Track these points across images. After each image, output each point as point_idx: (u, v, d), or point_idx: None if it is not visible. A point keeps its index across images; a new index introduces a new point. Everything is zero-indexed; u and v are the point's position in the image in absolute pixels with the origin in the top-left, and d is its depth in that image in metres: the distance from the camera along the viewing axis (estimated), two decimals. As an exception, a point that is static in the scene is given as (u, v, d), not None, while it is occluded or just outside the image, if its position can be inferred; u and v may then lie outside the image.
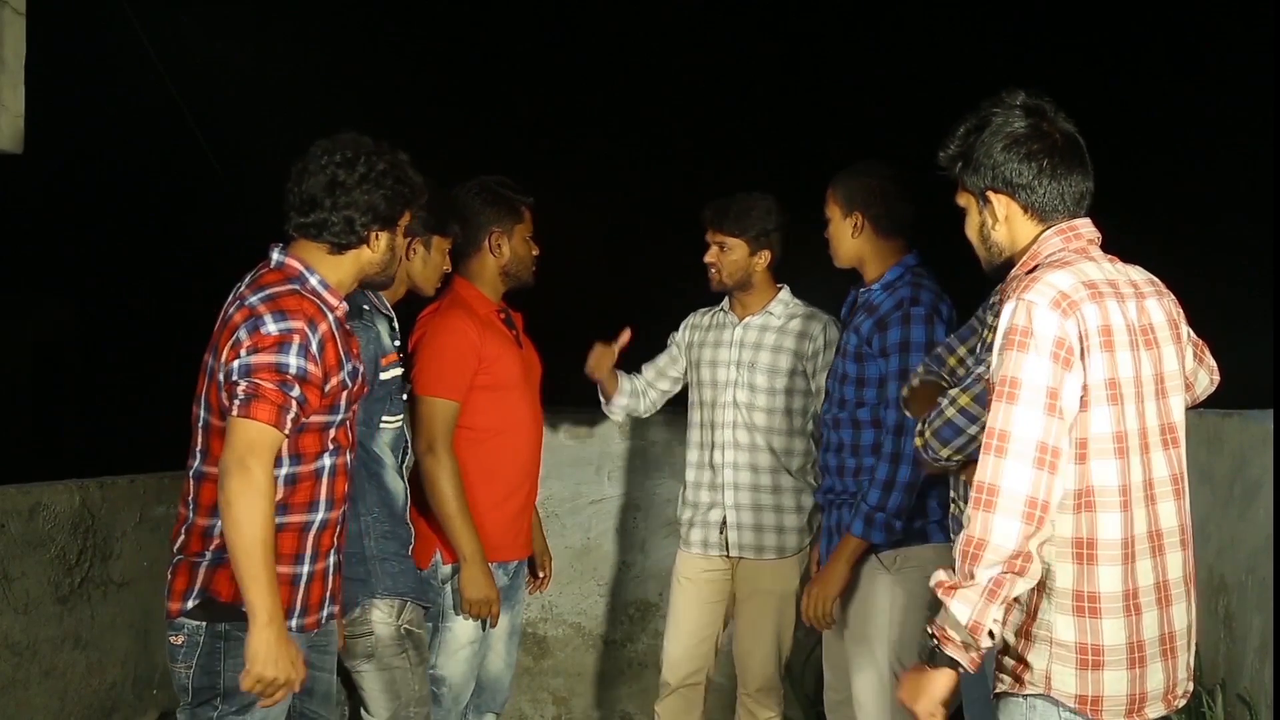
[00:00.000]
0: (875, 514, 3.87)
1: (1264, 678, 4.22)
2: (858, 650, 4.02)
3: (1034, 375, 2.66)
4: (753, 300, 4.59)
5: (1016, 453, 2.65)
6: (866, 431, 4.05)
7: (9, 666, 4.21)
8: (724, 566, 4.60)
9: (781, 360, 4.53)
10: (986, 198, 2.88)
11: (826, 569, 3.99)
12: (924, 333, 3.93)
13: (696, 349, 4.67)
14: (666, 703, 4.67)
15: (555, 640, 5.69)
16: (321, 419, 3.17)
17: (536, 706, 5.69)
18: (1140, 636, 2.74)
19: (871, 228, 4.07)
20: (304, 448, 3.16)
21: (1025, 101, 2.88)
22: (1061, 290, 2.71)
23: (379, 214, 3.22)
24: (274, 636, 3.00)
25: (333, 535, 3.27)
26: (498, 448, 4.19)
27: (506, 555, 4.21)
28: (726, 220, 4.49)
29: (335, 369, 3.15)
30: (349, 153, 3.21)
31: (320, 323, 3.12)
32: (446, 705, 4.12)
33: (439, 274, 4.04)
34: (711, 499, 4.58)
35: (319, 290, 3.18)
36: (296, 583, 3.18)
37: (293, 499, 3.16)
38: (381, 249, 3.28)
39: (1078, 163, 2.86)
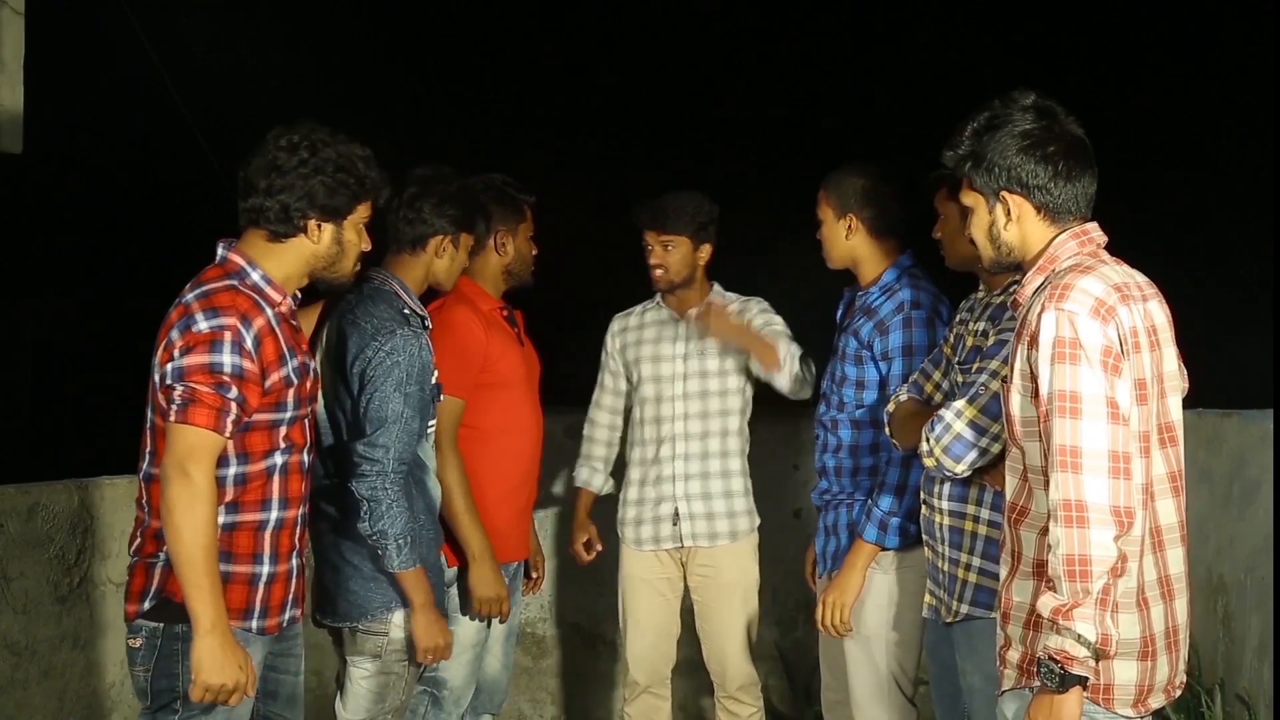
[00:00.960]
0: (889, 519, 3.88)
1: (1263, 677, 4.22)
2: (855, 651, 4.02)
3: (1091, 387, 2.68)
4: (692, 296, 4.66)
5: (1092, 468, 2.67)
6: (865, 432, 4.05)
7: (8, 666, 4.21)
8: (675, 561, 4.66)
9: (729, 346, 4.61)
10: (999, 197, 2.87)
11: (841, 576, 3.97)
12: (926, 335, 3.93)
13: (635, 348, 4.71)
14: (637, 703, 4.70)
15: (555, 640, 5.68)
16: (268, 416, 3.11)
17: (536, 707, 5.69)
18: (1150, 630, 2.78)
19: (865, 229, 4.06)
20: (251, 446, 3.11)
21: (1036, 103, 2.88)
22: (1098, 297, 2.73)
23: (315, 202, 3.13)
24: (218, 644, 2.97)
25: (292, 536, 3.23)
26: (501, 447, 4.19)
27: (507, 556, 4.21)
28: (668, 219, 4.54)
29: (276, 364, 3.09)
30: (295, 137, 3.13)
31: (255, 318, 3.05)
32: (448, 708, 4.12)
33: (460, 272, 4.03)
34: (658, 493, 4.63)
35: (260, 285, 3.11)
36: (255, 583, 3.14)
37: (244, 498, 3.12)
38: (325, 241, 3.19)
39: (1088, 165, 2.88)
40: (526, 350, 4.34)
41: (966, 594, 3.49)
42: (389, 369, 3.60)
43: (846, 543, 4.05)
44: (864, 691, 4.02)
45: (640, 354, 4.69)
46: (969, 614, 3.48)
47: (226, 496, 3.08)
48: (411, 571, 3.60)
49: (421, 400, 3.67)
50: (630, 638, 4.71)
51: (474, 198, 4.03)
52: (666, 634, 4.71)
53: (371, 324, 3.65)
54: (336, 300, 3.74)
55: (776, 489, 4.89)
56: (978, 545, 3.49)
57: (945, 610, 3.57)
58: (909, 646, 4.00)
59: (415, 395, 3.63)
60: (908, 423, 3.63)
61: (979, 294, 3.64)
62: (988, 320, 3.50)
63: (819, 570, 4.20)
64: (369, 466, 3.56)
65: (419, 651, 3.68)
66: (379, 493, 3.55)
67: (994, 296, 3.54)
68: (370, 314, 3.68)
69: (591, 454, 4.82)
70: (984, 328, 3.50)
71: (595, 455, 4.82)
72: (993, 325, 3.46)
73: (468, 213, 3.94)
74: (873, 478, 4.03)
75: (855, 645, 4.01)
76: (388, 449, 3.57)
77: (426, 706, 4.10)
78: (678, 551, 4.66)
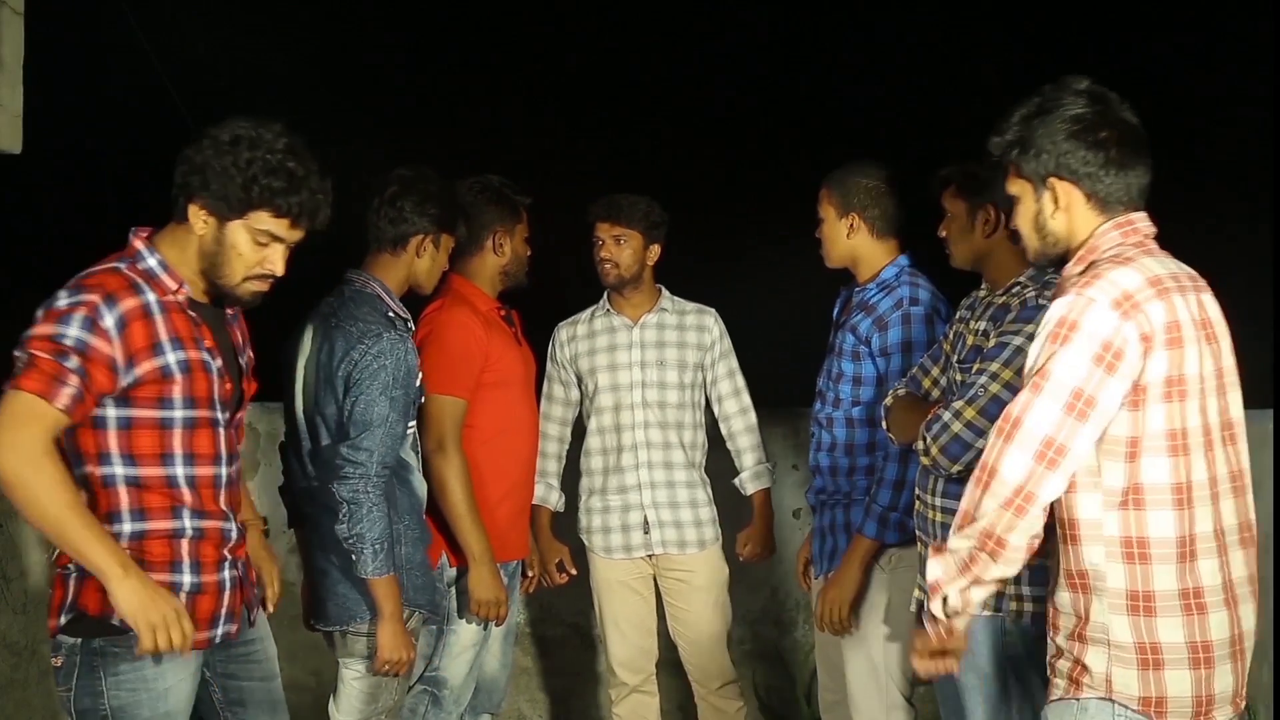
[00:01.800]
0: (889, 514, 3.87)
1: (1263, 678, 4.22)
2: (853, 650, 4.02)
3: (1065, 372, 2.62)
4: (642, 299, 4.65)
5: (1020, 442, 2.63)
6: (860, 430, 4.05)
7: (8, 666, 4.21)
8: (647, 564, 4.67)
9: (688, 355, 4.62)
10: (1047, 184, 2.77)
11: (840, 573, 3.97)
12: (925, 332, 3.93)
13: (588, 357, 4.66)
14: (626, 703, 4.71)
15: (554, 640, 5.68)
16: (150, 414, 2.94)
17: (535, 707, 5.69)
18: (1206, 637, 2.68)
19: (868, 228, 4.06)
20: (138, 448, 2.94)
21: (1090, 88, 2.78)
22: (1126, 290, 2.64)
23: (204, 186, 2.93)
24: (137, 584, 2.83)
25: (220, 547, 3.08)
26: (500, 447, 4.19)
27: (506, 555, 4.21)
28: (622, 212, 4.54)
29: (145, 353, 2.90)
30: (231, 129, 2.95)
31: (124, 299, 2.88)
32: (448, 707, 4.12)
33: (440, 273, 4.03)
34: (624, 502, 4.61)
35: (153, 270, 2.97)
36: (176, 592, 2.97)
37: (147, 504, 2.97)
38: (206, 236, 2.98)
39: (1142, 154, 2.77)
40: (524, 350, 4.35)
41: (960, 591, 3.49)
42: (375, 372, 3.60)
43: (844, 543, 4.04)
44: (861, 691, 4.02)
45: (595, 363, 4.63)
46: (962, 611, 3.48)
47: (122, 502, 2.94)
48: (383, 579, 3.59)
49: (406, 403, 3.67)
50: (611, 640, 4.70)
51: (455, 197, 4.02)
52: (647, 631, 4.71)
53: (357, 327, 3.65)
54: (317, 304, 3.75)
55: (775, 489, 4.88)
56: (971, 543, 3.49)
57: (934, 605, 3.57)
58: (906, 646, 4.00)
59: (400, 399, 3.63)
60: (905, 417, 3.63)
61: (980, 292, 3.64)
62: (989, 320, 3.50)
63: (815, 571, 4.20)
64: (351, 469, 3.56)
65: (378, 661, 3.65)
66: (360, 495, 3.55)
67: (996, 296, 3.54)
68: (355, 317, 3.68)
69: (546, 469, 4.69)
70: (985, 327, 3.49)
71: (549, 471, 4.71)
72: (994, 326, 3.46)
73: (449, 212, 3.93)
74: (869, 477, 4.02)
75: (853, 645, 4.01)
76: (371, 452, 3.57)
77: (426, 706, 4.10)
78: (649, 559, 4.66)
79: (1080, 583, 2.72)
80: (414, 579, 3.75)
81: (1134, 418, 2.66)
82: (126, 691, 2.96)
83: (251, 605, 3.22)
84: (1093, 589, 2.70)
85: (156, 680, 2.98)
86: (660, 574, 4.67)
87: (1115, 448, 2.68)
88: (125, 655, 2.95)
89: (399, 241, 3.86)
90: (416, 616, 3.81)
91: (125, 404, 2.92)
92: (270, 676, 3.28)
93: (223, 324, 3.12)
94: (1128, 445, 2.67)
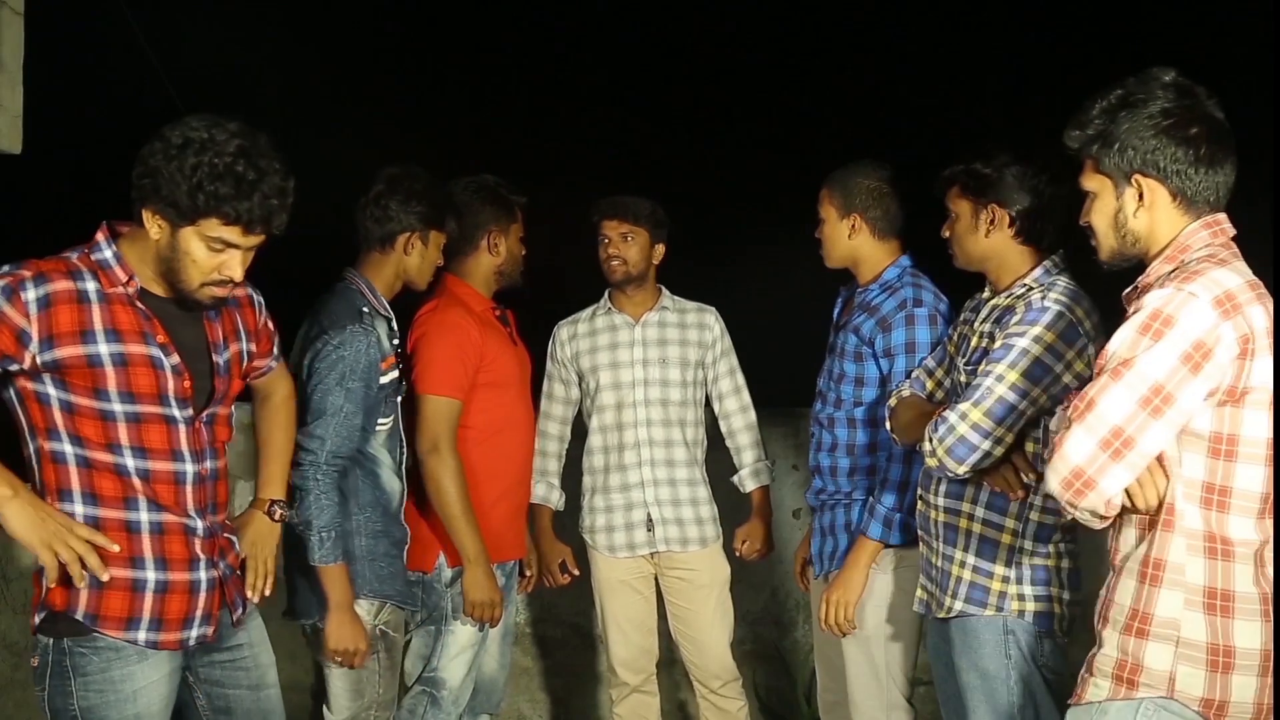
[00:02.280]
0: (893, 515, 3.87)
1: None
2: (853, 651, 4.02)
3: (1149, 366, 2.54)
4: (644, 297, 4.66)
5: (1090, 426, 2.56)
6: (862, 431, 4.04)
7: (7, 667, 4.21)
8: (649, 562, 4.67)
9: (690, 353, 4.64)
10: (1131, 181, 2.68)
11: (844, 574, 3.96)
12: (928, 333, 3.93)
13: (589, 356, 4.66)
14: (626, 703, 4.71)
15: (554, 640, 5.68)
16: (90, 403, 2.90)
17: (535, 707, 5.69)
18: (1269, 645, 2.61)
19: (869, 229, 4.05)
20: (83, 431, 2.91)
21: (1177, 80, 2.68)
22: (1228, 289, 2.56)
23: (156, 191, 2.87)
24: (25, 503, 2.84)
25: (187, 545, 3.02)
26: (496, 447, 4.19)
27: (503, 555, 4.21)
28: (628, 210, 4.55)
29: (71, 338, 2.87)
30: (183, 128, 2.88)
31: (56, 281, 2.88)
32: (446, 708, 4.12)
33: (433, 269, 4.03)
34: (627, 500, 4.62)
35: (106, 262, 2.95)
36: (140, 589, 2.96)
37: (99, 489, 2.94)
38: (161, 240, 2.93)
39: (1230, 152, 2.69)
40: (519, 350, 4.35)
41: (960, 591, 3.49)
42: (334, 363, 3.63)
43: (845, 543, 4.04)
44: (862, 692, 4.02)
45: (596, 361, 4.64)
46: (962, 611, 3.49)
47: (73, 481, 2.92)
48: (333, 567, 3.61)
49: (367, 396, 3.68)
50: (613, 639, 4.70)
51: (443, 194, 4.02)
52: (648, 631, 4.72)
53: (327, 319, 3.70)
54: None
55: (775, 489, 4.88)
56: (972, 543, 3.49)
57: (936, 605, 3.57)
58: (907, 646, 4.00)
59: (358, 391, 3.65)
60: (910, 418, 3.63)
61: (984, 294, 3.64)
62: (994, 322, 3.49)
63: (815, 571, 4.20)
64: (302, 455, 3.58)
65: (328, 651, 3.64)
66: (308, 482, 3.58)
67: (1001, 298, 3.53)
68: (329, 310, 3.74)
69: (546, 469, 4.70)
70: (990, 329, 3.49)
71: (550, 470, 4.72)
72: (999, 327, 3.45)
73: (436, 209, 3.93)
74: (869, 477, 4.02)
75: (853, 645, 4.01)
76: (323, 440, 3.60)
77: (425, 706, 4.10)
78: (651, 557, 4.67)
79: (1153, 573, 2.64)
80: (378, 569, 3.75)
81: (1221, 414, 2.59)
82: (94, 693, 2.95)
83: (235, 607, 3.16)
84: (1165, 581, 2.63)
85: (124, 682, 2.97)
86: (662, 572, 4.67)
87: (1198, 441, 2.61)
88: (92, 657, 2.95)
89: (386, 240, 3.87)
90: (389, 607, 3.80)
91: (62, 387, 2.90)
92: (260, 685, 3.22)
93: (192, 320, 3.05)
94: (1211, 440, 2.60)
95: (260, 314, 3.29)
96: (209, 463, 3.07)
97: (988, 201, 3.55)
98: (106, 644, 2.96)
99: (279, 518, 3.39)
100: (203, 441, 3.05)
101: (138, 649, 2.98)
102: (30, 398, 2.92)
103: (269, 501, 3.39)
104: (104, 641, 2.96)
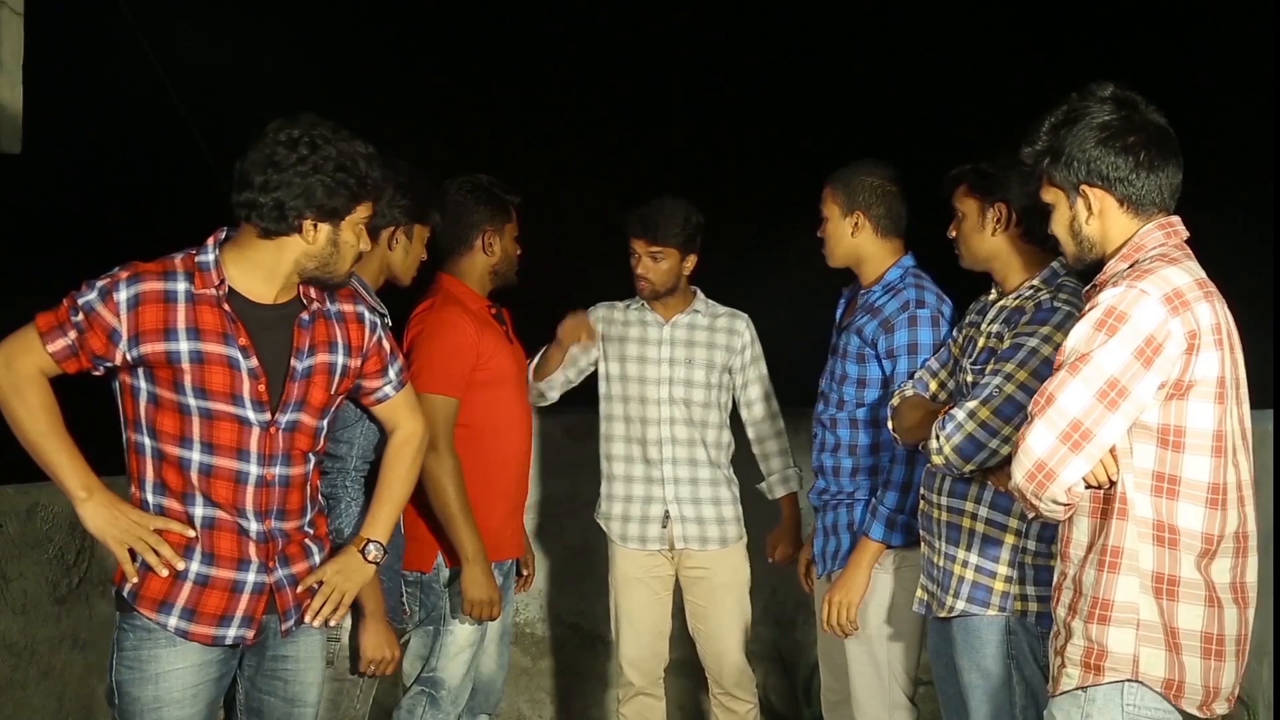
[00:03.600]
0: (896, 516, 3.88)
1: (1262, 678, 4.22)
2: (856, 651, 4.02)
3: (1105, 360, 2.67)
4: (676, 300, 4.73)
5: (1050, 419, 2.68)
6: (864, 432, 4.04)
7: (7, 667, 4.20)
8: (667, 560, 4.67)
9: (716, 356, 4.68)
10: (1080, 192, 2.83)
11: (847, 575, 3.96)
12: (931, 334, 3.93)
13: (616, 344, 4.73)
14: (633, 704, 4.71)
15: (553, 640, 5.68)
16: (170, 395, 3.04)
17: (534, 707, 5.69)
18: (1221, 631, 2.75)
19: (872, 227, 4.05)
20: (161, 424, 3.07)
21: (1115, 93, 2.83)
22: (1177, 287, 2.70)
23: (313, 201, 3.04)
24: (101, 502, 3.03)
25: (239, 544, 3.10)
26: (493, 445, 4.18)
27: (501, 554, 4.20)
28: (658, 230, 4.59)
29: (155, 336, 3.01)
30: (295, 133, 3.04)
31: (148, 281, 3.03)
32: (445, 708, 4.11)
33: (418, 264, 3.99)
34: (648, 493, 4.66)
35: (206, 264, 3.07)
36: (181, 576, 3.07)
37: (167, 479, 3.08)
38: (320, 242, 3.10)
39: (1171, 154, 2.83)
40: (515, 348, 4.34)
41: (962, 590, 3.49)
42: None
43: (847, 543, 4.05)
44: (865, 691, 4.02)
45: (625, 352, 4.71)
46: (964, 611, 3.49)
47: (148, 471, 3.07)
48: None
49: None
50: (624, 638, 4.71)
51: (426, 187, 3.98)
52: (660, 633, 4.73)
53: None
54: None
55: (775, 489, 4.88)
56: (975, 542, 3.49)
57: (937, 605, 3.57)
58: (910, 646, 4.00)
59: None
60: (913, 418, 3.63)
61: (990, 296, 3.63)
62: (1003, 323, 3.49)
63: (817, 571, 4.20)
64: (330, 463, 3.53)
65: (363, 661, 3.62)
66: (339, 490, 3.53)
67: (1009, 299, 3.53)
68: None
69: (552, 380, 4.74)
70: (999, 330, 3.49)
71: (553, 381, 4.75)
72: (1008, 328, 3.45)
73: (419, 203, 3.90)
74: (872, 478, 4.02)
75: (856, 645, 4.01)
76: (350, 445, 3.56)
77: (424, 707, 4.09)
78: (669, 552, 4.67)
79: (1111, 560, 2.75)
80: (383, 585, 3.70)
81: (1168, 407, 2.71)
82: (125, 668, 3.08)
83: (286, 618, 3.18)
84: (1122, 567, 2.74)
85: (150, 663, 3.06)
86: (681, 570, 4.69)
87: (1148, 432, 2.72)
88: (129, 633, 3.07)
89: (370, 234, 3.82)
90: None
91: (151, 380, 3.04)
92: (295, 701, 3.24)
93: (282, 327, 3.14)
94: (1160, 431, 2.71)
95: (371, 332, 3.31)
96: (279, 468, 3.13)
97: (995, 200, 3.55)
98: (142, 623, 3.07)
99: (372, 558, 3.36)
100: (276, 447, 3.12)
101: (167, 634, 3.07)
102: (126, 391, 3.08)
103: (367, 540, 3.37)
104: (139, 620, 3.07)
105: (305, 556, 3.22)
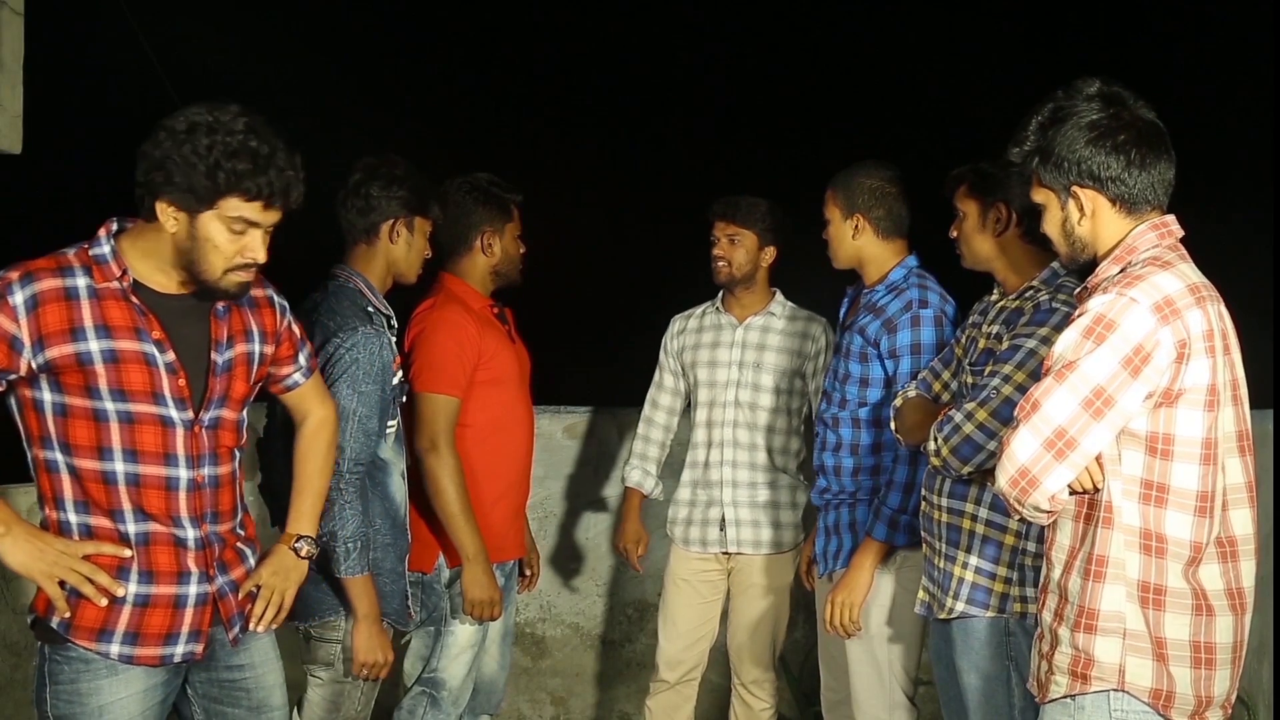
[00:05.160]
0: (899, 517, 3.87)
1: (1262, 677, 4.22)
2: (857, 651, 4.02)
3: (1092, 369, 2.63)
4: (752, 300, 4.66)
5: (1034, 426, 2.66)
6: (866, 431, 4.04)
7: (7, 667, 4.20)
8: (720, 565, 4.66)
9: (786, 361, 4.62)
10: (1071, 193, 2.78)
11: (849, 575, 3.96)
12: (934, 334, 3.93)
13: (691, 351, 4.72)
14: (660, 698, 4.71)
15: (554, 640, 5.68)
16: (82, 403, 2.81)
17: (535, 707, 5.69)
18: (1212, 639, 2.72)
19: (873, 229, 4.05)
20: (74, 437, 2.83)
21: (1102, 90, 2.77)
22: (1168, 295, 2.64)
23: (169, 182, 2.79)
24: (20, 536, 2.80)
25: (176, 557, 2.91)
26: (495, 445, 4.18)
27: (503, 555, 4.20)
28: (739, 213, 4.56)
29: (60, 337, 2.78)
30: (184, 117, 2.82)
31: (44, 279, 2.79)
32: (446, 708, 4.11)
33: (421, 259, 3.94)
34: (709, 497, 4.64)
35: (102, 256, 2.85)
36: (118, 601, 2.87)
37: (91, 497, 2.86)
38: (179, 232, 2.85)
39: (1163, 150, 2.78)
40: (518, 348, 4.33)
41: (962, 592, 3.49)
42: (346, 365, 3.55)
43: (849, 543, 4.05)
44: (865, 691, 4.02)
45: (697, 358, 4.71)
46: (965, 612, 3.49)
47: (66, 490, 2.85)
48: (359, 579, 3.54)
49: (381, 400, 3.61)
50: (665, 635, 4.72)
51: (424, 180, 3.92)
52: (701, 637, 4.73)
53: (335, 321, 3.61)
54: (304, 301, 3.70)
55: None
56: (975, 544, 3.49)
57: (938, 606, 3.57)
58: (910, 646, 4.00)
59: (373, 394, 3.57)
60: (915, 419, 3.63)
61: (992, 296, 3.63)
62: (1002, 324, 3.49)
63: (819, 570, 4.20)
64: None
65: (355, 664, 3.59)
66: (332, 492, 3.47)
67: (1009, 300, 3.53)
68: (333, 311, 3.64)
69: (646, 454, 4.82)
70: (998, 331, 3.49)
71: (650, 456, 4.82)
72: (1007, 329, 3.45)
73: (419, 194, 3.85)
74: (874, 477, 4.02)
75: (857, 645, 4.01)
76: (343, 449, 3.52)
77: (425, 707, 4.09)
78: (724, 556, 4.67)
79: (1096, 569, 2.73)
80: (381, 585, 3.68)
81: (1157, 415, 2.67)
82: (64, 702, 2.90)
83: (231, 626, 3.04)
84: (1108, 576, 2.71)
85: (91, 696, 2.89)
86: (733, 572, 4.67)
87: (1136, 440, 2.69)
88: (64, 666, 2.88)
89: (370, 230, 3.80)
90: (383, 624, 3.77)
91: (57, 389, 2.82)
92: (262, 708, 3.12)
93: (196, 317, 2.95)
94: (1149, 439, 2.68)
95: (282, 317, 3.16)
96: (207, 469, 2.96)
97: (995, 201, 3.55)
98: (78, 654, 2.88)
99: (304, 554, 3.24)
100: (202, 446, 2.94)
101: (108, 662, 2.88)
102: (27, 405, 2.85)
103: (296, 536, 3.25)
104: (75, 652, 2.88)
105: (241, 561, 3.08)
